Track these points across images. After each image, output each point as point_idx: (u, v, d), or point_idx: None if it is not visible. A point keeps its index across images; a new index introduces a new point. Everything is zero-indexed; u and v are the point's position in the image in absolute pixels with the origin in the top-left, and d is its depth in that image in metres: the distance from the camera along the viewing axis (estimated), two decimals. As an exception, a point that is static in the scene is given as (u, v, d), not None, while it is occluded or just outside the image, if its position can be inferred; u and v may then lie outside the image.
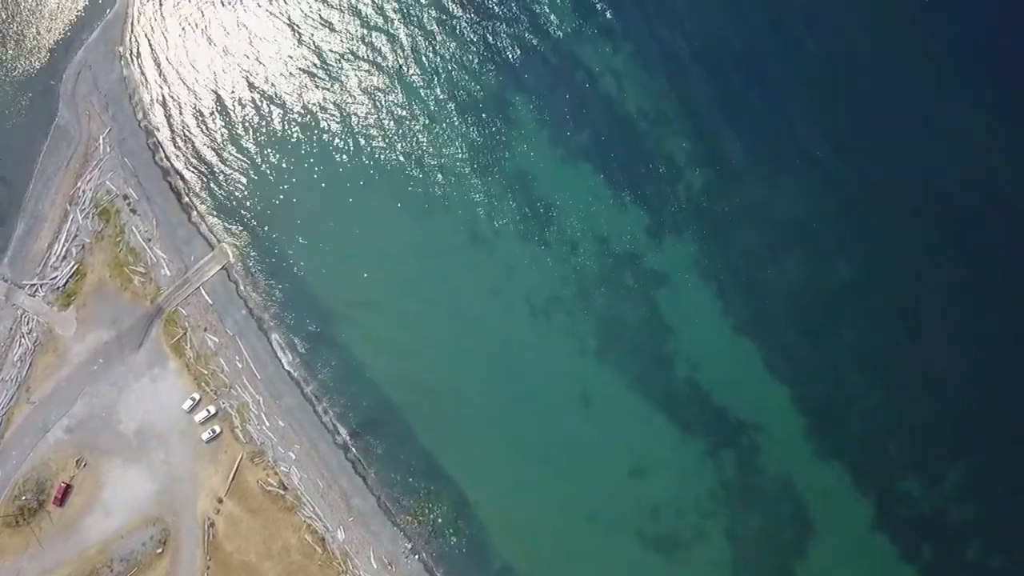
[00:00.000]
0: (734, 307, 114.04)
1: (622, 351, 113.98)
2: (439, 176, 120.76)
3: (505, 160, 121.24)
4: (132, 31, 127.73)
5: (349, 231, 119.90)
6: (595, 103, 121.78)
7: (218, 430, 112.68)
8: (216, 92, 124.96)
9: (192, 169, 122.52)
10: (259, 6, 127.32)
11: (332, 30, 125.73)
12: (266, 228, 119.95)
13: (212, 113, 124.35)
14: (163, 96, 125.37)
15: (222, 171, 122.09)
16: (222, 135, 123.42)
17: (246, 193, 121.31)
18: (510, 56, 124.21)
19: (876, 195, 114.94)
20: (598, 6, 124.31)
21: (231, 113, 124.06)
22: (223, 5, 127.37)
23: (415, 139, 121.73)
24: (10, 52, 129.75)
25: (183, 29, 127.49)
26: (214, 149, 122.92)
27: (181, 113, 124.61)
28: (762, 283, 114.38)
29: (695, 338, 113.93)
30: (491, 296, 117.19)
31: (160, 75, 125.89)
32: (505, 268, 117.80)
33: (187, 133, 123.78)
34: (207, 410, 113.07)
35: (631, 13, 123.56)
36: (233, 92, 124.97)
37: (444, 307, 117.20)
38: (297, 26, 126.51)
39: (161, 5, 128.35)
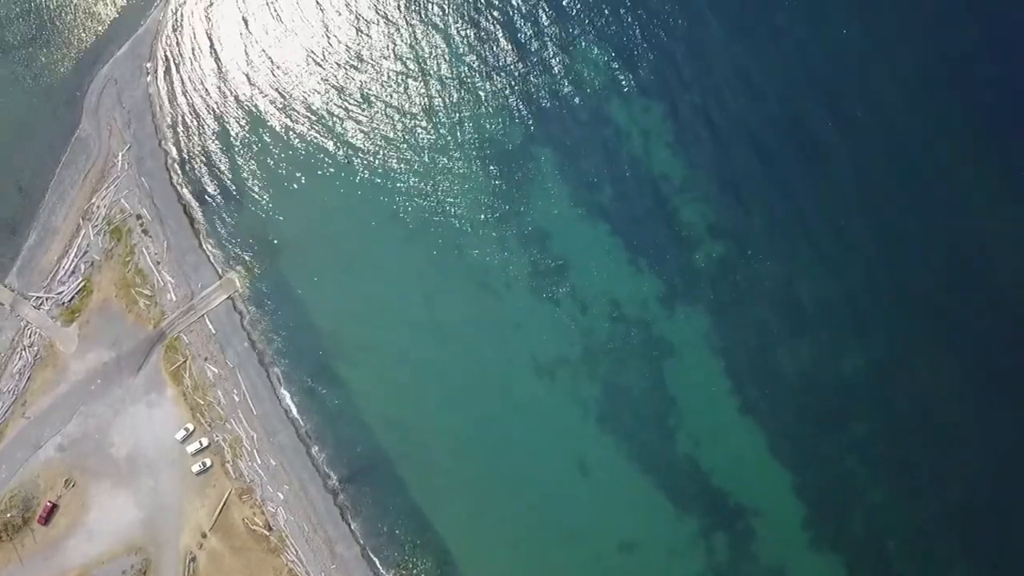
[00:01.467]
0: (742, 386, 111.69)
1: (624, 420, 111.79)
2: (454, 223, 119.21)
3: (523, 212, 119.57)
4: (160, 49, 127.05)
5: (358, 272, 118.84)
6: (620, 163, 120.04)
7: (209, 463, 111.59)
8: (237, 120, 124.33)
9: (207, 195, 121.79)
10: (285, 38, 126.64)
11: (356, 70, 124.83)
12: (276, 262, 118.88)
13: (232, 141, 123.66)
14: (185, 118, 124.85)
15: (236, 200, 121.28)
16: (239, 164, 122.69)
17: (259, 225, 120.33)
18: (538, 107, 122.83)
19: (896, 287, 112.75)
20: (632, 64, 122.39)
21: (250, 143, 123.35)
22: (250, 34, 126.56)
23: (432, 184, 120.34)
24: (42, 59, 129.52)
25: (209, 53, 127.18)
26: (230, 177, 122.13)
27: (201, 137, 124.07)
28: (772, 365, 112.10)
29: (699, 414, 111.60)
30: (496, 351, 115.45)
31: (183, 97, 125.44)
32: (513, 323, 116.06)
33: (205, 158, 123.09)
34: (200, 442, 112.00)
35: (666, 75, 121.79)
36: (253, 122, 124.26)
37: (447, 357, 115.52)
38: (321, 62, 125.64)
39: (190, 27, 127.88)
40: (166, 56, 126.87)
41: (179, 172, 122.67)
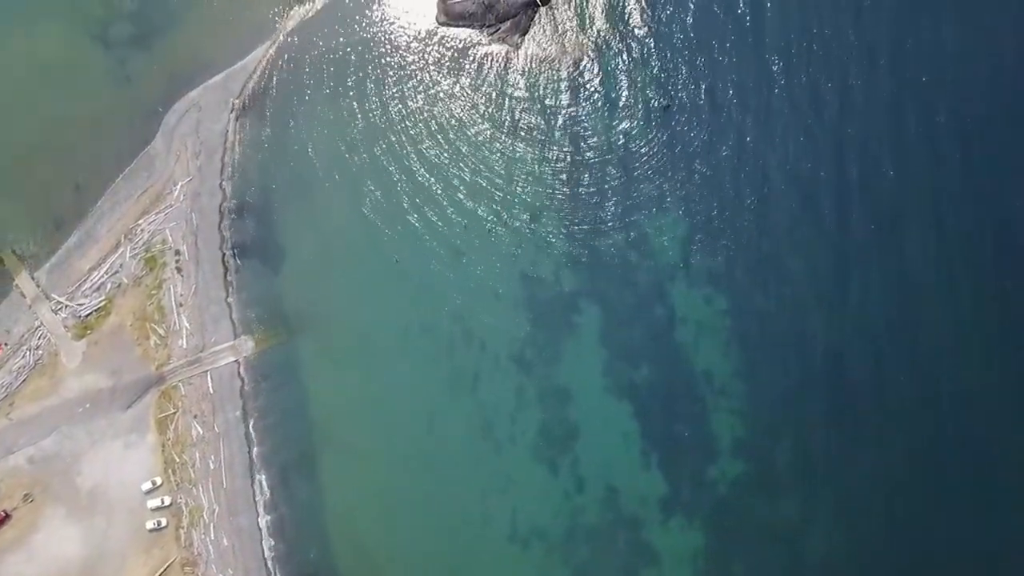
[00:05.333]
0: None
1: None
2: (480, 356, 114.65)
3: (551, 365, 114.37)
4: (250, 90, 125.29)
5: (370, 376, 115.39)
6: (665, 345, 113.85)
7: (164, 523, 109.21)
8: (301, 188, 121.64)
9: (250, 251, 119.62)
10: (365, 123, 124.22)
11: (429, 175, 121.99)
12: (293, 340, 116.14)
13: (289, 206, 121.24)
14: (253, 167, 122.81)
15: (276, 266, 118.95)
16: (290, 231, 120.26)
17: (289, 298, 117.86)
18: (599, 262, 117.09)
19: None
20: (710, 248, 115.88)
21: (307, 214, 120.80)
22: (335, 102, 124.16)
23: (471, 310, 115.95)
24: (138, 63, 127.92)
25: (292, 114, 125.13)
26: (278, 241, 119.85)
27: (262, 192, 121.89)
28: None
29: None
30: (478, 500, 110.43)
31: (258, 146, 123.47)
32: (503, 477, 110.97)
33: (260, 214, 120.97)
34: (163, 499, 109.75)
35: (741, 271, 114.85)
36: (316, 196, 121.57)
37: (428, 490, 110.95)
38: (393, 160, 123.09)
39: (283, 82, 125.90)
40: (253, 99, 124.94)
41: (230, 219, 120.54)
